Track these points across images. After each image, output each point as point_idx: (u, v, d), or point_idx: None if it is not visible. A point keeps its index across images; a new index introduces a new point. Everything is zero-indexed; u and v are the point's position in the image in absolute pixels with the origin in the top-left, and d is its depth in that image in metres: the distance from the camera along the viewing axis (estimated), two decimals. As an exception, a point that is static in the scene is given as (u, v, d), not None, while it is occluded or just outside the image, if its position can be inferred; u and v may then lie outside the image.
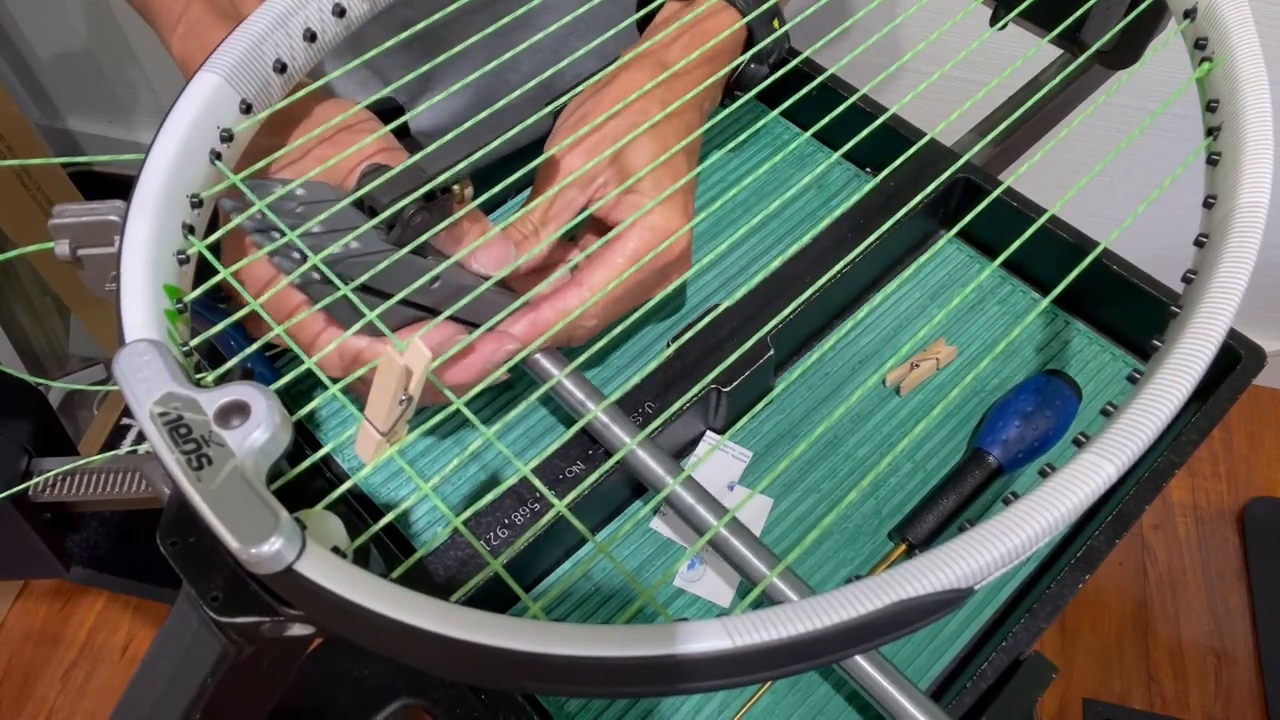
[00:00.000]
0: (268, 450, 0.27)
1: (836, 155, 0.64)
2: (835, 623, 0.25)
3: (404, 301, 0.40)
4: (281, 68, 0.40)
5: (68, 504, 0.51)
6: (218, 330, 0.33)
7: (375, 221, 0.38)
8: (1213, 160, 0.38)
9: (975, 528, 0.28)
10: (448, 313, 0.40)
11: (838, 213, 0.55)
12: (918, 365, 0.56)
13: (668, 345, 0.52)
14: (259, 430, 0.27)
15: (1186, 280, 0.34)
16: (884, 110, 0.57)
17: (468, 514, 0.30)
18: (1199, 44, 0.41)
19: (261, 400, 0.27)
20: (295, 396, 0.54)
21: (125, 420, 0.96)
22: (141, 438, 0.28)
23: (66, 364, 1.32)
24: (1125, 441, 0.29)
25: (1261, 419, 1.50)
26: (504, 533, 0.46)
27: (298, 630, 0.31)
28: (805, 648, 0.25)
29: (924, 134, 0.45)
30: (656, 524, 0.51)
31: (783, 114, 0.65)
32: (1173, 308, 0.33)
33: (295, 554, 0.26)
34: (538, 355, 0.47)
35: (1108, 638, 1.31)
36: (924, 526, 0.49)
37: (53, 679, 1.30)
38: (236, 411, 0.27)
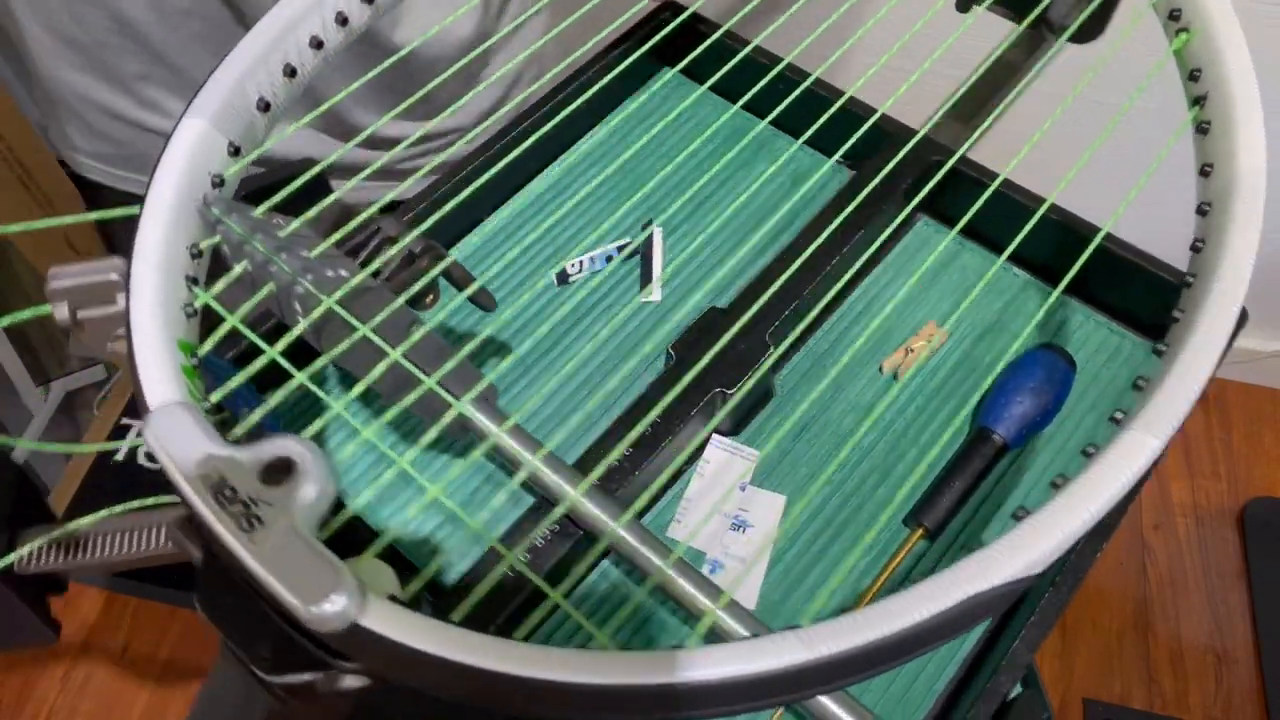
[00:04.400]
0: (318, 505, 0.26)
1: (832, 161, 0.64)
2: (913, 623, 0.25)
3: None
4: (265, 106, 0.39)
5: (55, 573, 0.49)
6: (238, 382, 0.32)
7: (338, 236, 0.37)
8: (1203, 129, 0.38)
9: (1032, 515, 0.28)
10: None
11: (821, 206, 0.55)
12: (911, 350, 0.56)
13: (668, 352, 0.52)
14: (308, 485, 0.26)
15: (1195, 249, 0.35)
16: (860, 103, 0.57)
17: (519, 550, 0.30)
18: (1173, 15, 0.42)
19: (306, 454, 0.26)
20: (298, 415, 0.54)
21: (125, 420, 0.94)
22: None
23: (66, 364, 1.30)
24: (1166, 414, 0.29)
25: (1261, 419, 1.47)
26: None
27: (352, 682, 0.30)
28: (887, 651, 0.25)
29: (899, 123, 0.45)
30: (671, 531, 0.51)
31: (771, 123, 0.65)
32: (1187, 276, 0.34)
33: (358, 608, 0.25)
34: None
35: (1108, 638, 1.29)
36: (939, 509, 0.50)
37: (53, 679, 1.27)
38: (281, 468, 0.26)
